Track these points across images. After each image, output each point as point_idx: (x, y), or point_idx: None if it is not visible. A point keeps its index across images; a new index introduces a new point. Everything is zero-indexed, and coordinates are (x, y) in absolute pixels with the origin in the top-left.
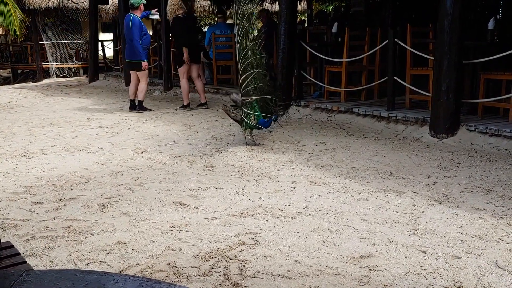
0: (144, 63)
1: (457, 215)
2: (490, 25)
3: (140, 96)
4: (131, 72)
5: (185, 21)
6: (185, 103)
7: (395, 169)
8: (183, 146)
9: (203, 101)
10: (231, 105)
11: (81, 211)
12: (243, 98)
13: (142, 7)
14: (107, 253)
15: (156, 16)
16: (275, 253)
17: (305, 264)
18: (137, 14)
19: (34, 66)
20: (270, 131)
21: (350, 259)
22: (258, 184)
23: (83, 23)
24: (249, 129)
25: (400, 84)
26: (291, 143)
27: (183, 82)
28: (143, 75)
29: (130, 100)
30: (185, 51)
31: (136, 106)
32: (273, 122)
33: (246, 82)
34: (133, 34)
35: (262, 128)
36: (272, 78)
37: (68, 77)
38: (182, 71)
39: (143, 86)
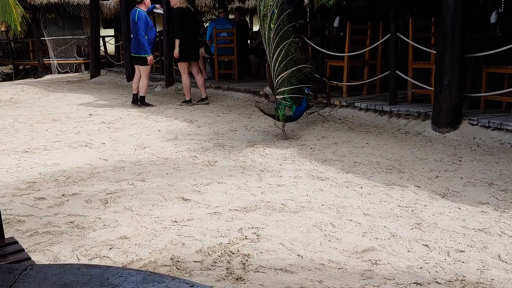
0: (150, 57)
1: (460, 208)
2: (493, 18)
3: (142, 92)
4: (135, 66)
5: (182, 14)
6: (187, 99)
7: (398, 163)
8: (185, 141)
9: (203, 96)
10: (267, 99)
11: (84, 206)
12: (279, 88)
13: (147, 1)
14: (110, 248)
15: (160, 11)
16: (277, 247)
17: (308, 258)
18: (143, 8)
19: (36, 62)
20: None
21: (352, 253)
22: (261, 179)
23: (84, 19)
24: (283, 123)
25: (402, 78)
26: (293, 138)
27: (184, 78)
28: (144, 71)
29: (133, 94)
30: (177, 43)
31: (138, 100)
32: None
33: (282, 76)
34: (139, 28)
35: (295, 120)
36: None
37: (69, 73)
38: (182, 66)
39: (144, 81)
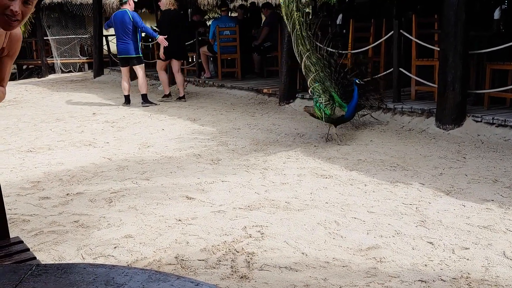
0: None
1: (464, 206)
2: (496, 15)
3: (143, 90)
4: (122, 68)
5: (169, 15)
6: (166, 93)
7: (402, 160)
8: (188, 140)
9: (181, 95)
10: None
11: (88, 205)
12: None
13: (131, 2)
14: (114, 247)
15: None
16: (282, 245)
17: (312, 256)
18: (130, 9)
19: (39, 62)
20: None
21: (357, 251)
22: (264, 177)
23: (87, 18)
24: (333, 125)
25: (405, 75)
26: (297, 135)
27: (161, 74)
28: (141, 69)
29: (125, 96)
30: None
31: (130, 101)
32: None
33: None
34: (139, 24)
35: (348, 119)
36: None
37: (73, 72)
38: (160, 64)
39: (143, 79)
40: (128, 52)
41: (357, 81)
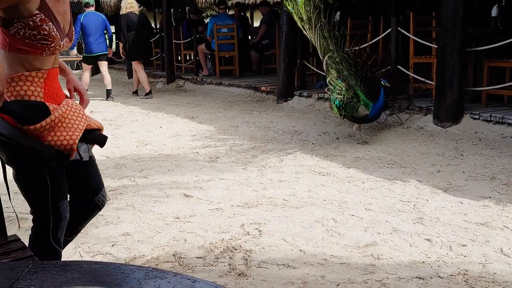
0: (109, 49)
1: (462, 203)
2: (494, 12)
3: (110, 86)
4: (89, 65)
5: (127, 20)
6: (147, 91)
7: (399, 158)
8: (186, 137)
9: (147, 91)
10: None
11: None
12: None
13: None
14: (112, 245)
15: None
16: (279, 243)
17: (310, 253)
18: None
19: None
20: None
21: (355, 248)
22: (262, 174)
23: None
24: (357, 125)
25: (403, 73)
26: (294, 133)
27: (141, 73)
28: (105, 64)
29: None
30: (120, 45)
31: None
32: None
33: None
34: (108, 27)
35: (372, 120)
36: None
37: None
38: (136, 64)
39: (108, 74)
40: (101, 50)
41: (383, 82)
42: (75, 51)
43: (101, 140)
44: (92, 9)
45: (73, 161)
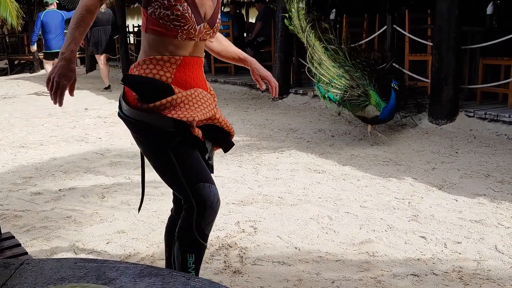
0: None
1: (457, 200)
2: (489, 10)
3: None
4: (53, 61)
5: (98, 17)
6: (106, 85)
7: (394, 155)
8: None
9: (106, 85)
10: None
11: (81, 201)
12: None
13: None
14: (107, 243)
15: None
16: (275, 240)
17: (305, 250)
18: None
19: (31, 57)
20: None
21: (350, 245)
22: (257, 172)
23: None
24: (370, 125)
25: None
26: (290, 131)
27: (106, 67)
28: (100, 58)
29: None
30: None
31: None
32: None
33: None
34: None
35: (384, 121)
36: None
37: None
38: (99, 57)
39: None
40: (59, 47)
41: (393, 85)
42: (35, 47)
43: (227, 145)
44: (52, 7)
45: (202, 151)
